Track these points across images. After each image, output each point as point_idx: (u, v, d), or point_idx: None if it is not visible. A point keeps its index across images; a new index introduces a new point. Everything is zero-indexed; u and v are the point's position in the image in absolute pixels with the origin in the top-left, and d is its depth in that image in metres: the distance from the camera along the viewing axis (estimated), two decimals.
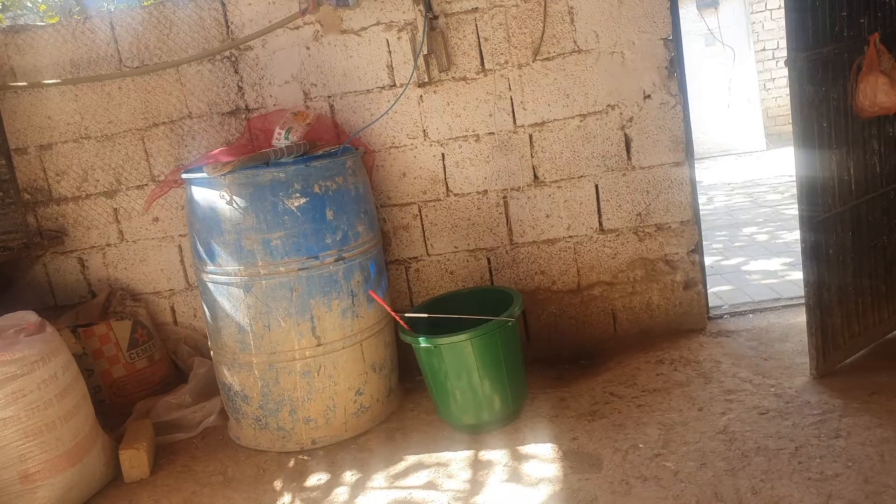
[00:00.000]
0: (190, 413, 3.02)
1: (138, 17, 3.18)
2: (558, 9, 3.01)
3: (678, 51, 3.04)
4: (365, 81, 3.13)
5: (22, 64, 3.24)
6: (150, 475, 2.67)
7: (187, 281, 3.41)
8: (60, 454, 2.42)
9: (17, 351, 2.37)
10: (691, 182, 3.13)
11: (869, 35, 2.48)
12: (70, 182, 3.35)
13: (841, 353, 2.66)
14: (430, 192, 3.21)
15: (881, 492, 1.95)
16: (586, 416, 2.62)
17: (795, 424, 2.34)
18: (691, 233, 3.15)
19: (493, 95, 3.10)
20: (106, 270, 3.44)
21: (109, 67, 3.22)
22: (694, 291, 3.20)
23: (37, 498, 2.39)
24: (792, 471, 2.10)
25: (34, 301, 3.42)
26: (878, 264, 2.71)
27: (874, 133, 2.61)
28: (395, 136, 3.17)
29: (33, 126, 3.30)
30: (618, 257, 3.20)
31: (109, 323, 3.19)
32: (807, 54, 2.40)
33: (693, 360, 2.93)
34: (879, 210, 2.68)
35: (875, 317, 2.74)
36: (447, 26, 3.06)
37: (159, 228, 3.37)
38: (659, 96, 3.05)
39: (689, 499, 2.05)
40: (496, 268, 3.25)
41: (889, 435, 2.20)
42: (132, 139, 3.29)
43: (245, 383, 2.73)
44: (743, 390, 2.62)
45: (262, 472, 2.62)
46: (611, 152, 3.11)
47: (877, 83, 2.44)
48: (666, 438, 2.38)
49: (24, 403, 2.36)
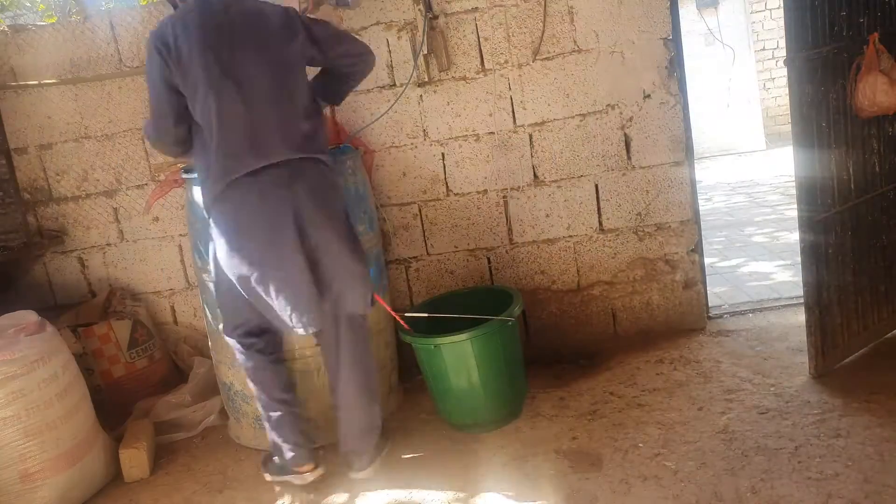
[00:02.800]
0: (190, 413, 3.03)
1: (138, 16, 3.18)
2: (558, 8, 3.01)
3: (678, 50, 3.04)
4: (365, 81, 3.10)
5: (22, 64, 3.24)
6: (150, 475, 2.67)
7: (187, 280, 3.41)
8: (60, 454, 2.43)
9: (18, 350, 2.37)
10: (691, 182, 3.13)
11: (868, 34, 2.48)
12: (70, 182, 3.35)
13: (840, 352, 2.66)
14: (430, 192, 3.21)
15: (881, 491, 1.95)
16: (586, 416, 2.62)
17: (795, 424, 2.34)
18: (691, 232, 3.16)
19: (492, 95, 3.10)
20: (106, 270, 3.44)
21: (109, 67, 3.22)
22: (694, 291, 3.20)
23: (37, 497, 2.39)
24: (792, 470, 2.10)
25: (34, 301, 3.42)
26: (878, 264, 2.71)
27: (873, 133, 2.61)
28: (395, 135, 3.17)
29: (33, 125, 3.30)
30: (618, 257, 3.20)
31: (109, 322, 3.19)
32: (806, 54, 2.40)
33: (693, 359, 2.93)
34: (879, 210, 2.68)
35: (874, 316, 2.74)
36: (447, 26, 3.06)
37: (159, 228, 3.37)
38: (659, 96, 3.05)
39: (689, 498, 2.05)
40: (496, 267, 3.25)
41: (889, 434, 2.20)
42: (132, 139, 3.29)
43: (245, 383, 2.72)
44: (743, 390, 2.62)
45: (262, 472, 2.62)
46: (611, 152, 3.12)
47: (876, 83, 2.44)
48: (666, 438, 2.38)
49: (25, 403, 2.36)
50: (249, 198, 2.17)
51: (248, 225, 2.18)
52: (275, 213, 2.16)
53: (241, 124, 2.15)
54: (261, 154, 2.16)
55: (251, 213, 2.17)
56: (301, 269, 2.17)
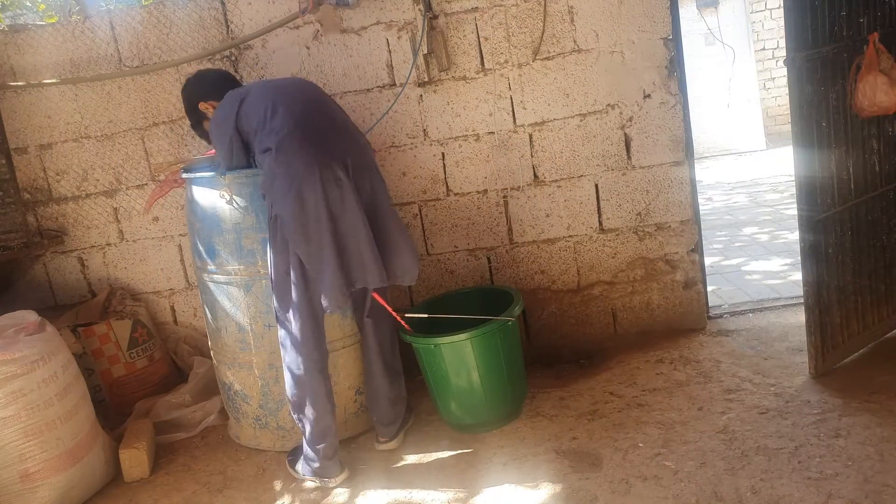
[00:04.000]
0: (190, 412, 3.03)
1: (138, 16, 3.18)
2: (558, 8, 3.01)
3: (678, 50, 3.04)
4: (365, 81, 3.13)
5: (22, 63, 3.24)
6: (150, 475, 2.67)
7: (187, 280, 3.42)
8: (60, 454, 2.43)
9: (17, 350, 2.37)
10: (691, 181, 3.13)
11: (868, 34, 2.48)
12: (70, 181, 3.35)
13: (840, 352, 2.66)
14: (429, 192, 3.21)
15: (881, 491, 1.95)
16: (586, 416, 2.62)
17: (795, 424, 2.34)
18: (691, 232, 3.16)
19: (492, 95, 3.10)
20: (106, 270, 3.44)
21: (109, 67, 3.22)
22: (694, 291, 3.20)
23: (37, 497, 2.39)
24: (792, 470, 2.10)
25: (34, 300, 3.42)
26: (878, 264, 2.71)
27: (873, 132, 2.61)
28: (395, 135, 3.17)
29: (33, 125, 3.30)
30: (618, 257, 3.20)
31: (109, 322, 3.19)
32: (806, 54, 2.40)
33: (693, 359, 2.93)
34: (879, 210, 2.68)
35: (874, 316, 2.74)
36: (447, 26, 3.06)
37: (159, 228, 3.37)
38: (659, 96, 3.05)
39: (689, 498, 2.05)
40: (496, 267, 3.25)
41: (889, 434, 2.20)
42: (132, 138, 3.29)
43: (245, 383, 2.73)
44: (743, 389, 2.62)
45: (262, 472, 2.62)
46: (611, 152, 3.12)
47: (876, 83, 2.44)
48: (666, 438, 2.38)
49: (24, 403, 2.36)
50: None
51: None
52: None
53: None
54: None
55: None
56: (363, 220, 2.30)
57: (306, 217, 2.26)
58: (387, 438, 2.63)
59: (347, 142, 2.40)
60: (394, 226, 2.43)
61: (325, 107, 2.50)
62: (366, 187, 2.37)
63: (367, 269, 2.31)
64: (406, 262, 2.43)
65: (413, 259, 2.44)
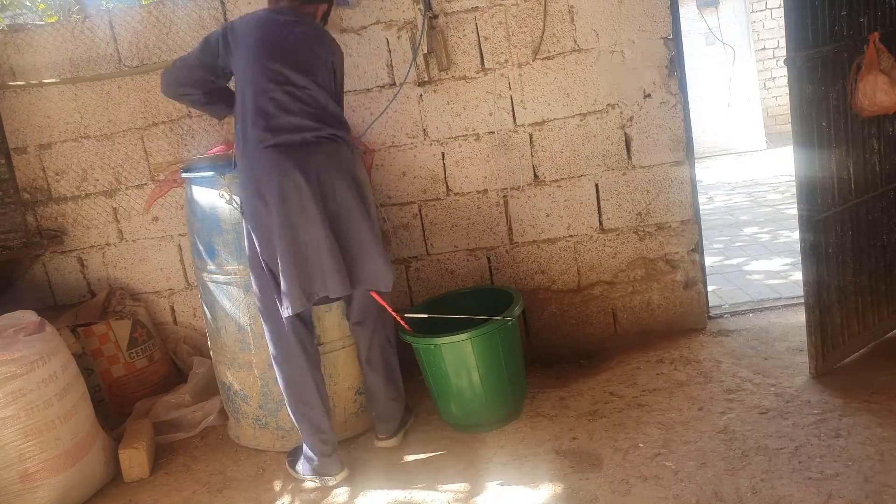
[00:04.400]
0: (190, 413, 3.02)
1: (138, 16, 3.18)
2: (558, 8, 3.00)
3: (678, 50, 3.04)
4: (365, 80, 3.13)
5: (21, 63, 3.24)
6: (149, 475, 2.67)
7: (187, 280, 3.41)
8: (60, 454, 2.42)
9: (17, 350, 2.37)
10: (691, 181, 3.13)
11: (869, 34, 2.47)
12: (69, 181, 3.35)
13: (840, 352, 2.66)
14: (430, 192, 3.21)
15: (881, 491, 1.95)
16: (586, 416, 2.62)
17: (795, 424, 2.34)
18: (691, 232, 3.15)
19: (492, 94, 3.10)
20: (105, 270, 3.44)
21: (109, 67, 3.22)
22: (694, 291, 3.20)
23: (37, 497, 2.39)
24: (792, 470, 2.10)
25: (34, 301, 3.42)
26: (878, 264, 2.71)
27: (874, 132, 2.61)
28: (395, 135, 3.16)
29: (33, 125, 3.30)
30: (618, 257, 3.20)
31: (109, 322, 3.19)
32: (806, 53, 2.40)
33: (693, 359, 2.93)
34: (879, 209, 2.67)
35: (875, 316, 2.74)
36: (447, 25, 3.05)
37: (159, 228, 3.37)
38: (659, 95, 3.05)
39: (689, 498, 2.05)
40: (496, 267, 3.25)
41: (889, 434, 2.20)
42: (132, 138, 3.29)
43: (245, 383, 2.72)
44: (743, 390, 2.62)
45: (261, 472, 2.62)
46: (611, 151, 3.11)
47: (876, 82, 2.44)
48: (666, 438, 2.38)
49: (24, 403, 2.36)
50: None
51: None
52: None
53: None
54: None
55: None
56: (325, 231, 2.26)
57: (267, 222, 2.27)
58: (386, 436, 2.63)
59: (314, 147, 2.31)
60: (365, 233, 2.35)
61: (305, 94, 2.32)
62: (332, 194, 2.30)
63: (327, 278, 2.28)
64: (378, 269, 2.39)
65: (386, 265, 2.40)
